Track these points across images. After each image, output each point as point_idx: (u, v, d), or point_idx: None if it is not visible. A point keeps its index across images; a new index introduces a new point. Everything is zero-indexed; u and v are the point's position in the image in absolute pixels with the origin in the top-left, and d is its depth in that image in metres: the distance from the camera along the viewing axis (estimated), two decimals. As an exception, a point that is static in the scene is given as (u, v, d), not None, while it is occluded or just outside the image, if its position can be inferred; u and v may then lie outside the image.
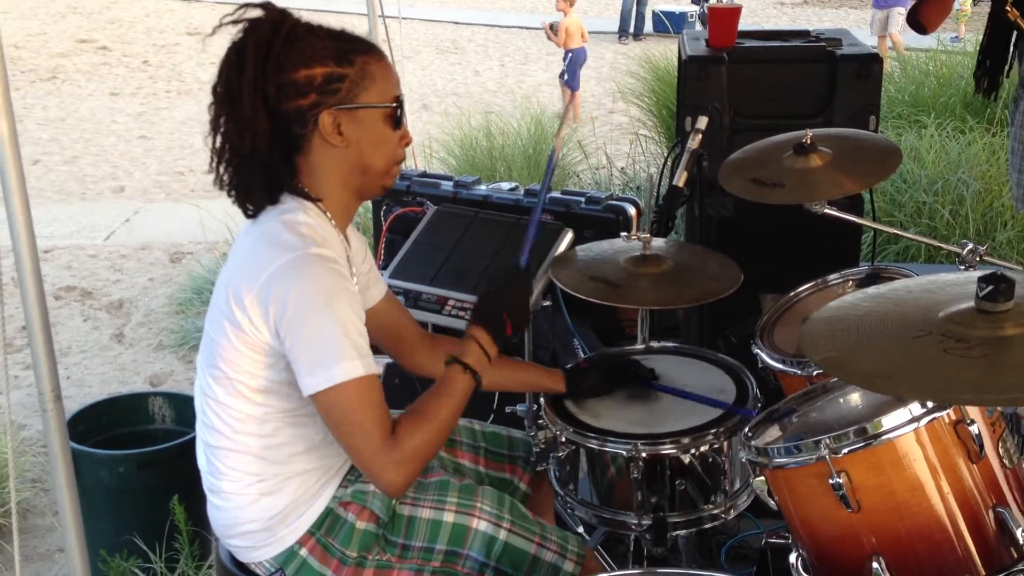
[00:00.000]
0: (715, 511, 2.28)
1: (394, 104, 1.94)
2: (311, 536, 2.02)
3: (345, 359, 1.81)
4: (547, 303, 2.76)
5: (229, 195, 1.97)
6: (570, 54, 10.45)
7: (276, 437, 1.96)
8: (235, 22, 1.89)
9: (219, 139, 1.92)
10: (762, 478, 1.88)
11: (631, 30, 14.19)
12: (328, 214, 1.97)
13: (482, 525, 2.06)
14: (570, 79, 10.52)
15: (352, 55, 1.90)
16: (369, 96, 1.92)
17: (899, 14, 10.55)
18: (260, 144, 1.88)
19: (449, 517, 2.06)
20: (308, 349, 1.82)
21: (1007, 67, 3.25)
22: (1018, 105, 3.18)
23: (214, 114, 1.91)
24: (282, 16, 1.90)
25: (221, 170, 1.94)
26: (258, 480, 1.99)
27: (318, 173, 1.95)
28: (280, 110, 1.88)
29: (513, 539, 2.08)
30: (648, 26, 14.21)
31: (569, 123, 2.45)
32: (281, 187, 1.95)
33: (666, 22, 12.99)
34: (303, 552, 2.02)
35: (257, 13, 1.89)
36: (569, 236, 2.80)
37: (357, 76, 1.90)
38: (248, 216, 1.99)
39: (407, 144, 2.02)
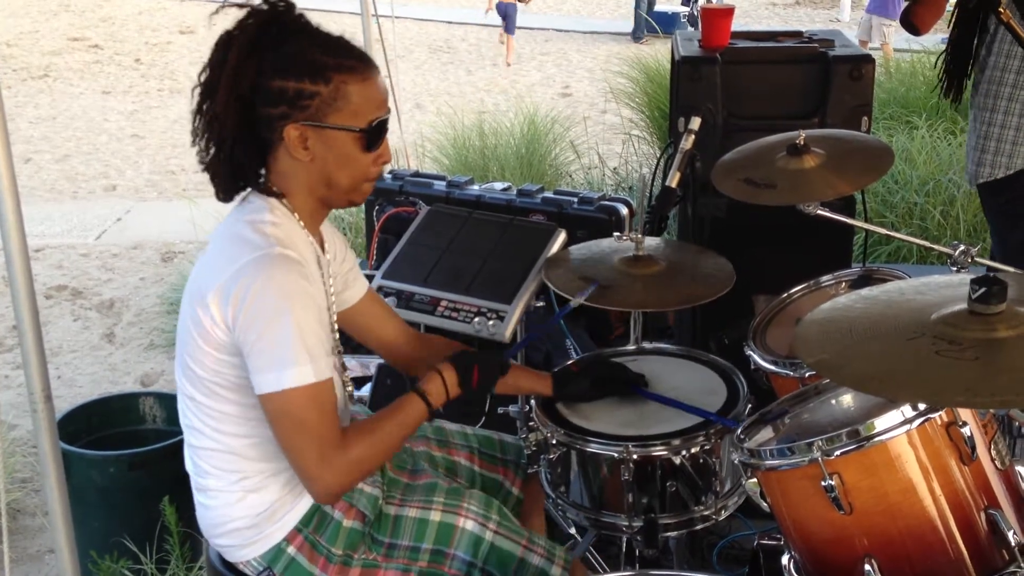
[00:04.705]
0: (706, 512, 2.28)
1: (367, 128, 1.91)
2: (298, 533, 2.01)
3: (297, 364, 1.81)
4: (540, 304, 2.75)
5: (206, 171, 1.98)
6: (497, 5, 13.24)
7: (256, 434, 1.95)
8: (239, 5, 1.89)
9: (199, 120, 1.93)
10: (754, 480, 1.88)
11: (643, 31, 14.18)
12: (296, 214, 1.97)
13: (469, 524, 2.06)
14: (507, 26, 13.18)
15: (332, 72, 1.87)
16: (340, 117, 1.89)
17: (885, 26, 10.59)
18: (229, 136, 1.89)
19: (436, 516, 2.06)
20: (262, 349, 1.82)
21: (970, 69, 3.26)
22: (977, 89, 3.21)
23: (198, 98, 1.92)
24: (275, 16, 1.89)
25: (199, 147, 1.95)
26: (242, 478, 1.98)
27: (284, 176, 1.95)
28: (253, 111, 1.88)
29: (500, 540, 2.07)
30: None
31: None
32: (247, 180, 1.96)
33: (651, 22, 13.03)
34: (291, 550, 2.00)
35: (257, 1, 1.89)
36: (562, 237, 2.79)
37: (330, 96, 1.87)
38: (219, 199, 1.99)
39: (384, 163, 2.00)
